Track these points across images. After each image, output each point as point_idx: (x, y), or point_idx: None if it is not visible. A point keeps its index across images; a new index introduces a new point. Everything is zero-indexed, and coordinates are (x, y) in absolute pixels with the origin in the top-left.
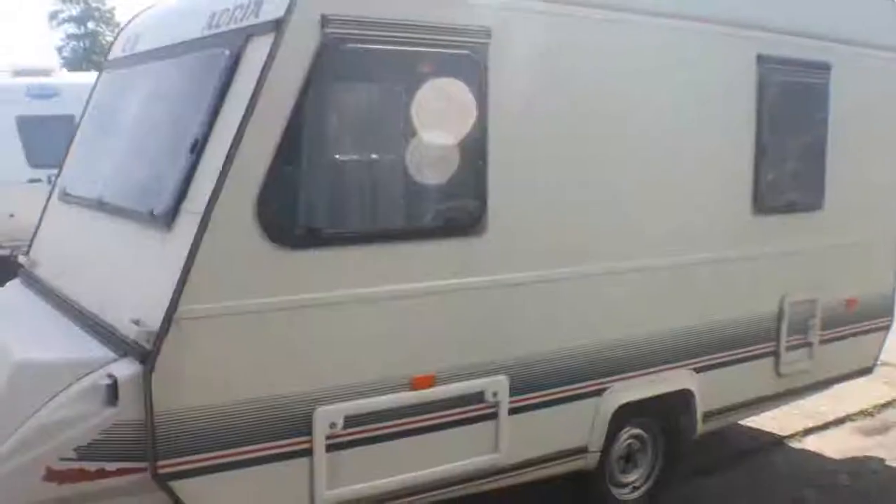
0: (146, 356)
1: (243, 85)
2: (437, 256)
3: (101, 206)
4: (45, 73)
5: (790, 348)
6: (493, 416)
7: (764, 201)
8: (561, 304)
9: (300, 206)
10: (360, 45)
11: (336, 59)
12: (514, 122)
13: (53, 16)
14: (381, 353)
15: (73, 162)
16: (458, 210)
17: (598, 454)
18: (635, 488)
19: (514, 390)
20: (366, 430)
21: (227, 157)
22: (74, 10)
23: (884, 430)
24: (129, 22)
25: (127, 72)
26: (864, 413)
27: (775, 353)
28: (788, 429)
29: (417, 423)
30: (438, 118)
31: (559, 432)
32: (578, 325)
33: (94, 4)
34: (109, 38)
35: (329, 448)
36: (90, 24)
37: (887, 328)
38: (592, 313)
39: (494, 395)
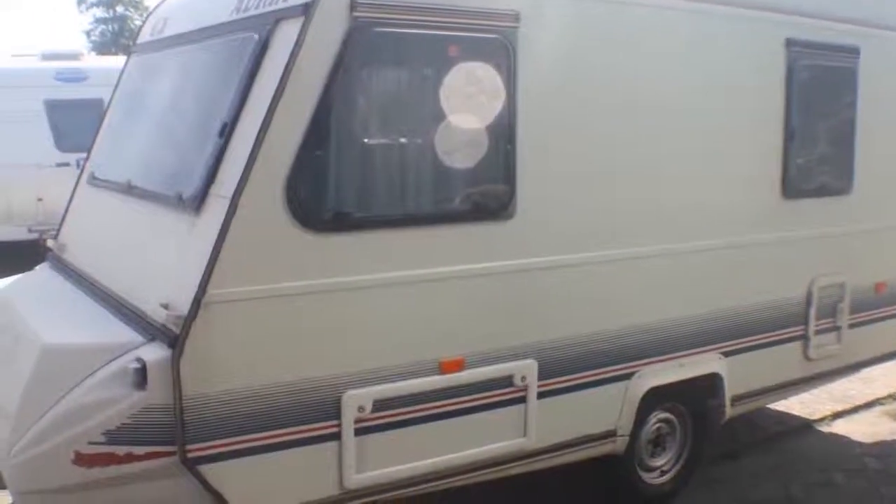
0: (175, 340)
1: (272, 69)
2: (465, 240)
3: (129, 190)
4: (74, 57)
5: (819, 332)
6: (522, 399)
7: (793, 185)
8: (589, 288)
9: (329, 190)
10: (388, 29)
11: (364, 43)
12: (542, 107)
13: None
14: (410, 336)
15: (102, 146)
16: (487, 194)
17: (627, 438)
18: (664, 472)
19: (543, 374)
20: (394, 414)
21: (256, 141)
22: None
23: None
24: (158, 6)
25: (155, 56)
26: (892, 397)
27: (804, 337)
28: (817, 413)
29: (446, 406)
30: (467, 102)
31: (588, 416)
32: (607, 308)
33: None
34: (138, 22)
35: (358, 432)
36: (119, 8)
37: None
38: (621, 297)
39: (523, 378)
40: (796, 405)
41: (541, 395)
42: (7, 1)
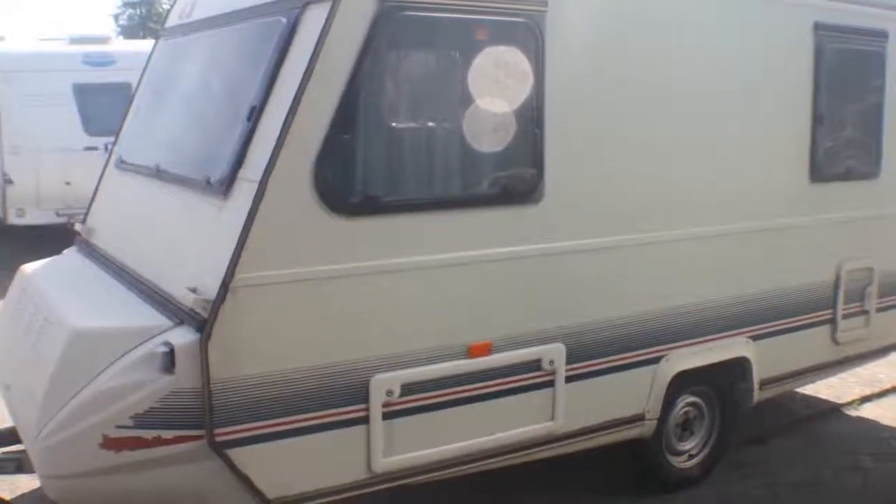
0: (203, 324)
1: (300, 53)
2: (493, 224)
3: (157, 174)
4: (102, 40)
5: (847, 316)
6: (550, 383)
7: (821, 169)
8: (617, 271)
9: (357, 174)
10: (416, 13)
11: (392, 26)
12: (570, 90)
13: None
14: (438, 320)
15: (130, 130)
16: (515, 178)
17: (655, 422)
18: (692, 456)
19: (571, 358)
20: (422, 398)
21: (284, 124)
22: None
23: None
24: None
25: (183, 40)
26: None
27: (832, 321)
28: (845, 396)
29: (474, 390)
30: (494, 86)
31: (616, 400)
32: (635, 292)
33: None
34: (166, 6)
35: (385, 416)
36: None
37: None
38: (649, 281)
39: (551, 362)
40: (824, 389)
41: (569, 379)
42: None
